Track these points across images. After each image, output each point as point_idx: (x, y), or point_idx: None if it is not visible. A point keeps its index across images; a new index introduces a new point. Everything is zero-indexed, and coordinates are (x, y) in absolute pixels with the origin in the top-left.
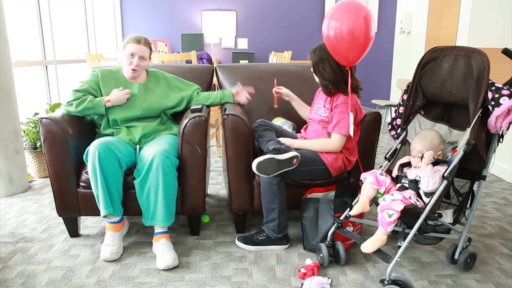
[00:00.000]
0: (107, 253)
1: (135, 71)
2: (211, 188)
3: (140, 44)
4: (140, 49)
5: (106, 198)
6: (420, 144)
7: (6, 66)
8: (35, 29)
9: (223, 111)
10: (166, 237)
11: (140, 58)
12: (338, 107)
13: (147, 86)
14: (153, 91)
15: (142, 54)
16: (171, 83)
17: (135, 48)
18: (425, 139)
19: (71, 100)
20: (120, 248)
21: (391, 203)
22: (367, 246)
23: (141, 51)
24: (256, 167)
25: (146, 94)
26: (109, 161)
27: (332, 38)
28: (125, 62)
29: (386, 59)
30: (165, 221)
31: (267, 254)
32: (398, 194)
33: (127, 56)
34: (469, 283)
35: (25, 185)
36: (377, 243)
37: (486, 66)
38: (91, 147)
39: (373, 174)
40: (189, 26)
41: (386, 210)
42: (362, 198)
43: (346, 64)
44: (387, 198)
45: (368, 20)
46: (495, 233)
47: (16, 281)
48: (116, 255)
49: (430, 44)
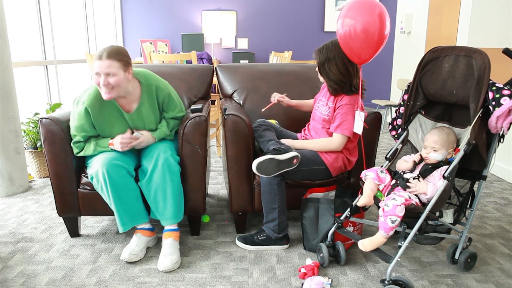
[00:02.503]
0: (125, 253)
1: (108, 93)
2: (211, 188)
3: (102, 59)
4: (103, 65)
5: (121, 215)
6: (438, 135)
7: (6, 66)
8: (35, 29)
9: (223, 111)
10: (174, 236)
11: (106, 75)
12: (342, 107)
13: (141, 112)
14: (147, 119)
15: (106, 70)
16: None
17: (97, 66)
18: (442, 132)
19: (77, 152)
20: (141, 252)
21: (394, 209)
22: (365, 244)
23: (104, 67)
24: (256, 167)
25: (138, 122)
26: (119, 176)
27: (346, 36)
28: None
29: (386, 59)
30: (174, 218)
31: (267, 254)
32: (399, 198)
33: (94, 76)
34: (469, 283)
35: (26, 185)
36: (375, 244)
37: (486, 66)
38: (97, 168)
39: (374, 171)
40: (189, 26)
41: (389, 216)
42: (367, 191)
43: (359, 62)
44: (390, 204)
45: (382, 17)
46: (496, 233)
47: (16, 281)
48: (135, 257)
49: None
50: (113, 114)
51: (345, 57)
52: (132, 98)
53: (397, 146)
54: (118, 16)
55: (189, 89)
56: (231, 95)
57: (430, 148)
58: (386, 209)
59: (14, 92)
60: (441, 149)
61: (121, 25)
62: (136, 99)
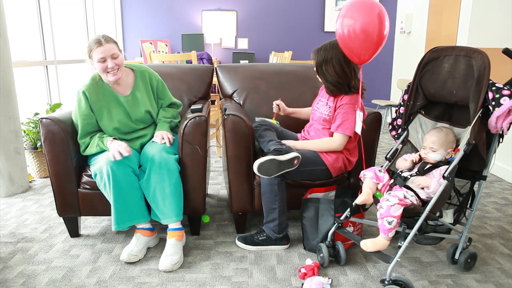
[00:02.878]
0: (124, 254)
1: (116, 72)
2: (211, 188)
3: (103, 44)
4: (107, 49)
5: (118, 213)
6: (436, 135)
7: (6, 66)
8: (35, 29)
9: (223, 111)
10: (177, 236)
11: (112, 58)
12: (343, 107)
13: (135, 95)
14: (142, 102)
15: (111, 52)
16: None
17: (101, 52)
18: (441, 132)
19: (83, 149)
20: (141, 253)
21: (388, 210)
22: (367, 244)
23: (108, 50)
24: (257, 168)
25: (135, 106)
26: (124, 174)
27: (346, 36)
28: (101, 71)
29: (386, 59)
30: (174, 216)
31: (267, 254)
32: (393, 198)
33: (98, 64)
34: (469, 283)
35: (26, 185)
36: (377, 246)
37: (486, 66)
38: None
39: (372, 170)
40: (189, 26)
41: (385, 218)
42: (365, 190)
43: (358, 62)
44: (384, 205)
45: (381, 17)
46: (496, 233)
47: (16, 281)
48: (134, 257)
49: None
50: (109, 99)
51: (343, 58)
52: (126, 84)
53: (397, 146)
54: (118, 16)
55: (189, 89)
56: (231, 95)
57: (428, 149)
58: (381, 211)
59: (14, 92)
60: (440, 149)
61: (121, 25)
62: (130, 85)
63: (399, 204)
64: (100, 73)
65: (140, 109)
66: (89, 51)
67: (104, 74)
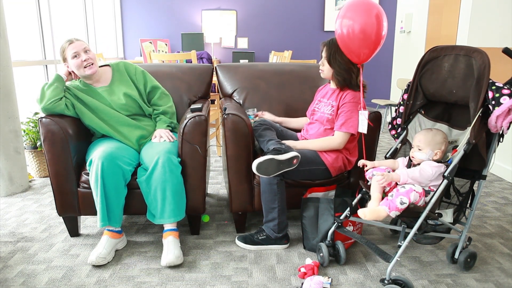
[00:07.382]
0: (93, 256)
1: (91, 66)
2: (211, 187)
3: (74, 42)
4: (78, 44)
5: (103, 211)
6: (423, 135)
7: (6, 66)
8: (35, 29)
9: (223, 111)
10: (174, 235)
11: (84, 51)
12: (346, 105)
13: (113, 84)
14: (119, 88)
15: (82, 47)
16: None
17: (73, 48)
18: (429, 132)
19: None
20: (109, 255)
21: (409, 192)
22: (365, 212)
23: (79, 45)
24: (256, 167)
25: (112, 94)
26: (112, 174)
27: (345, 36)
28: (75, 67)
29: (386, 58)
30: (173, 217)
31: (267, 254)
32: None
33: (73, 60)
34: (469, 283)
35: (25, 185)
36: (375, 214)
37: (486, 65)
38: (95, 157)
39: (382, 171)
40: (189, 25)
41: (401, 196)
42: (375, 195)
43: (357, 61)
44: (407, 186)
45: (380, 18)
46: (495, 232)
47: (16, 280)
48: (103, 260)
49: (430, 43)
50: (89, 92)
51: None
52: (105, 80)
53: (397, 145)
54: (118, 16)
55: (188, 88)
56: (231, 95)
57: (416, 147)
58: (401, 190)
59: (14, 91)
60: (426, 148)
61: (121, 25)
62: (107, 80)
63: (419, 194)
64: (77, 70)
65: (119, 96)
66: (62, 51)
67: (81, 69)
